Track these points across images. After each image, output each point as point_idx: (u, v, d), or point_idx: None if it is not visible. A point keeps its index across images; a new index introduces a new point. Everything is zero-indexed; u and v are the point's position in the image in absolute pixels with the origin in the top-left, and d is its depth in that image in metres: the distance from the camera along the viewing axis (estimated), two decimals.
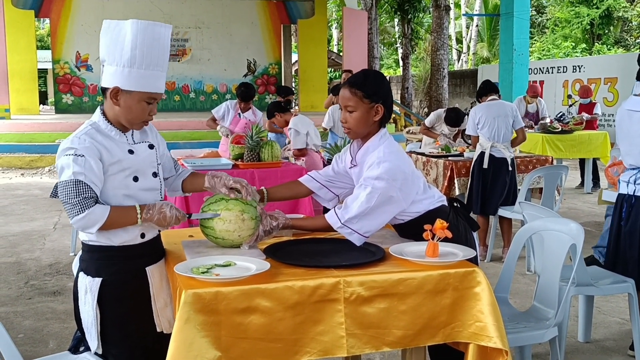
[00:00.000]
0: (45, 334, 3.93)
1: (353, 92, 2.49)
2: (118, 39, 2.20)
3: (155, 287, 2.35)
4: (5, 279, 5.09)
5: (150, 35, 2.20)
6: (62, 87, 18.20)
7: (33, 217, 7.66)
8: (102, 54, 2.25)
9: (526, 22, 13.00)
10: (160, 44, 2.24)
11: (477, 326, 2.18)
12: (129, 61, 2.18)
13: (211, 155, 5.98)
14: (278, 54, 19.70)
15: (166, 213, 2.24)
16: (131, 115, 2.25)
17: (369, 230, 2.42)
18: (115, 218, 2.18)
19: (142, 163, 2.30)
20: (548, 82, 16.44)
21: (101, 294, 2.26)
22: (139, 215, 2.21)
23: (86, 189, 2.13)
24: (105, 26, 2.25)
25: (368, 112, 2.49)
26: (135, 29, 2.18)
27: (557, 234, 2.93)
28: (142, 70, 2.20)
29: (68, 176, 2.13)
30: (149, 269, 2.34)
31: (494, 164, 5.52)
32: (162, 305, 2.36)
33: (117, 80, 2.21)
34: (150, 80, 2.23)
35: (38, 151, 13.06)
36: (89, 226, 2.14)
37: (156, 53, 2.22)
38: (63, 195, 2.14)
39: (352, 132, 2.54)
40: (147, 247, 2.34)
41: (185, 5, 18.44)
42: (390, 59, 37.96)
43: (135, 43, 2.18)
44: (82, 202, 2.12)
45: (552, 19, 28.98)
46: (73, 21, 17.90)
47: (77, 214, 2.12)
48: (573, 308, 4.04)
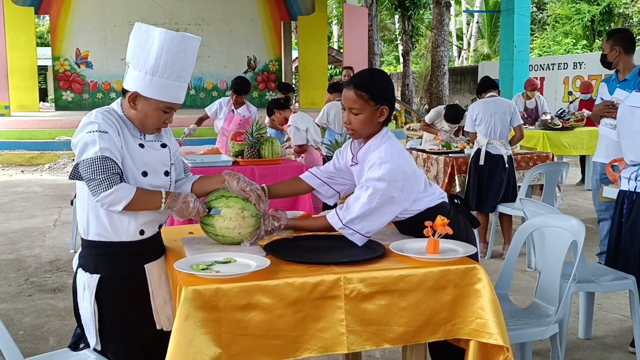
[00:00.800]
0: (45, 331, 3.93)
1: (359, 95, 2.44)
2: (145, 45, 2.19)
3: (154, 284, 2.35)
4: (5, 276, 5.09)
5: (176, 46, 2.19)
6: (62, 84, 18.20)
7: (33, 214, 7.66)
8: (128, 56, 2.24)
9: (527, 18, 12.97)
10: (185, 56, 2.22)
11: (477, 323, 2.18)
12: (152, 69, 2.18)
13: (211, 152, 5.97)
14: (278, 51, 19.68)
15: (189, 204, 2.25)
16: (146, 121, 2.26)
17: (371, 230, 2.42)
18: (140, 198, 2.17)
19: (152, 160, 2.30)
20: (549, 78, 16.43)
21: (99, 290, 2.26)
22: (164, 200, 2.21)
23: (113, 164, 2.13)
24: (135, 29, 2.23)
25: (373, 113, 2.47)
26: (163, 38, 2.17)
27: (557, 230, 2.92)
28: (163, 79, 2.19)
29: (94, 152, 2.11)
30: (147, 266, 2.34)
31: (489, 161, 5.52)
32: (161, 302, 2.36)
33: (138, 85, 2.20)
34: (170, 90, 2.22)
35: (38, 148, 13.07)
36: (115, 203, 2.13)
37: (180, 65, 2.21)
38: (89, 172, 2.11)
39: (355, 133, 2.52)
40: (146, 244, 2.34)
41: (185, 2, 18.42)
42: (391, 56, 37.92)
43: (160, 52, 2.17)
44: (111, 177, 2.11)
45: (552, 16, 28.94)
46: (73, 18, 17.90)
47: (105, 190, 2.10)
48: (574, 305, 4.04)
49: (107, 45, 18.16)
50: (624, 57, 4.66)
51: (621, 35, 4.71)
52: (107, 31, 18.10)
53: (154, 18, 18.19)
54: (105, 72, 18.22)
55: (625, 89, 4.56)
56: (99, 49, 18.15)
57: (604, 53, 4.76)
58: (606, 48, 4.73)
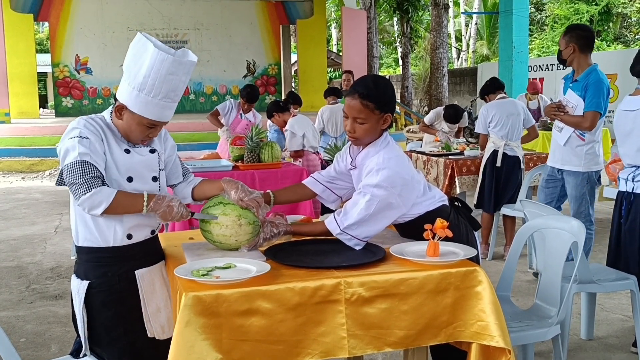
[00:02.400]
0: (47, 338, 3.92)
1: (365, 104, 2.42)
2: (138, 59, 2.17)
3: (145, 291, 2.33)
4: (6, 283, 5.09)
5: (166, 68, 2.15)
6: (62, 91, 18.22)
7: (34, 221, 7.66)
8: (124, 65, 2.23)
9: (525, 19, 12.98)
10: (175, 78, 2.19)
11: (479, 325, 2.18)
12: (140, 86, 2.16)
13: (211, 157, 5.97)
14: (277, 55, 19.70)
15: (173, 207, 2.24)
16: (130, 133, 2.26)
17: (368, 235, 2.42)
18: (120, 201, 2.16)
19: (137, 165, 2.29)
20: (548, 79, 16.42)
21: (89, 297, 2.27)
22: (145, 203, 2.20)
23: (92, 168, 2.13)
24: (135, 39, 2.21)
25: (377, 122, 2.46)
26: (154, 58, 2.14)
27: (558, 231, 2.92)
28: (149, 97, 2.17)
29: (74, 157, 2.12)
30: (138, 273, 2.32)
31: (506, 162, 5.51)
32: (154, 310, 2.34)
33: (125, 98, 2.20)
34: (155, 108, 2.20)
35: (38, 155, 13.08)
36: (94, 206, 2.12)
37: (168, 86, 2.18)
38: (69, 176, 2.13)
39: (358, 141, 2.51)
40: (136, 249, 2.32)
41: (184, 7, 18.44)
42: (390, 58, 37.95)
43: (149, 72, 2.15)
44: (89, 181, 2.11)
45: (551, 16, 28.95)
46: (72, 24, 17.92)
47: (84, 193, 2.11)
48: (575, 305, 4.03)
49: (106, 51, 18.17)
50: (579, 55, 4.37)
51: (578, 32, 4.39)
52: (106, 37, 18.12)
53: (153, 23, 18.23)
54: (105, 78, 18.22)
55: (576, 91, 4.41)
56: (98, 55, 18.16)
57: (560, 49, 4.51)
58: (562, 44, 4.45)
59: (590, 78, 4.33)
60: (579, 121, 4.36)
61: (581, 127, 4.36)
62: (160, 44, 2.18)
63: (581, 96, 4.35)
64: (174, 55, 2.17)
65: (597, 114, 4.30)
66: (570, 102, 4.44)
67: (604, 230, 6.38)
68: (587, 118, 4.31)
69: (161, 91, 2.18)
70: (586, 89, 4.32)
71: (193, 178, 2.59)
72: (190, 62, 2.21)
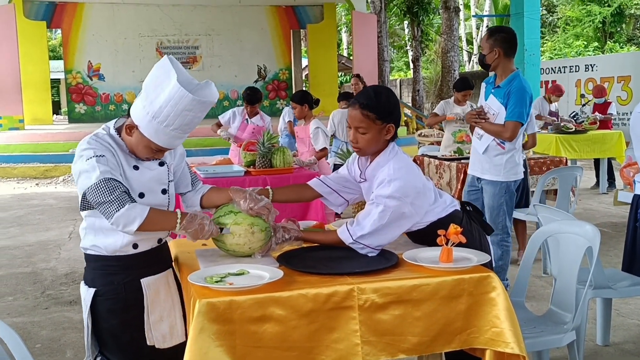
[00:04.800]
0: (62, 344, 3.95)
1: (365, 115, 2.43)
2: (159, 85, 2.14)
3: (150, 300, 2.33)
4: (22, 289, 5.13)
5: (184, 105, 2.12)
6: (75, 97, 18.36)
7: (48, 226, 7.72)
8: (144, 84, 2.20)
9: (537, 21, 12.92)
10: (191, 114, 2.16)
11: (493, 332, 2.17)
12: (155, 113, 2.14)
13: (223, 163, 5.99)
14: (288, 59, 19.74)
15: (204, 226, 2.25)
16: (137, 151, 2.26)
17: (381, 244, 2.42)
18: (154, 218, 2.17)
19: (148, 180, 2.29)
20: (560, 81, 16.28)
21: (95, 304, 2.28)
22: (178, 221, 2.21)
23: (118, 184, 2.13)
24: (161, 62, 2.17)
25: (380, 132, 2.46)
26: (174, 92, 2.10)
27: (572, 236, 2.90)
28: (162, 126, 2.15)
29: (97, 178, 2.11)
30: (144, 281, 2.33)
31: None
32: (156, 319, 2.34)
33: (138, 119, 2.18)
34: (166, 137, 2.19)
35: (52, 161, 13.17)
36: (129, 223, 2.12)
37: (182, 121, 2.16)
38: (97, 196, 2.11)
39: (362, 151, 2.51)
40: (143, 258, 2.33)
41: (195, 13, 18.52)
42: (401, 62, 37.92)
43: (166, 103, 2.12)
44: (120, 197, 2.11)
45: (563, 18, 28.82)
46: (84, 31, 18.06)
47: (117, 210, 2.10)
48: (591, 311, 4.00)
49: (118, 57, 18.30)
50: (503, 60, 4.14)
51: (503, 36, 4.14)
52: (118, 43, 18.25)
53: (165, 30, 18.33)
54: (117, 84, 18.35)
55: (498, 98, 4.18)
56: (110, 61, 18.29)
57: (482, 53, 4.21)
58: (485, 48, 4.16)
59: (513, 85, 4.11)
60: (500, 130, 4.14)
61: (502, 136, 4.15)
62: (184, 74, 2.15)
63: (503, 103, 4.13)
64: (195, 90, 2.15)
65: (518, 124, 4.10)
66: (491, 108, 4.21)
67: (619, 234, 6.34)
68: (508, 128, 4.10)
69: (174, 123, 2.15)
70: (508, 96, 4.11)
71: (202, 186, 2.59)
72: (209, 103, 2.19)
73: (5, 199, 10.09)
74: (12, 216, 8.47)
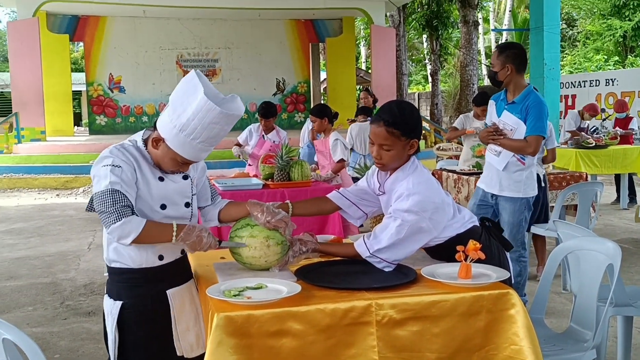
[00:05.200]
0: (80, 355, 3.97)
1: (390, 132, 2.42)
2: (186, 99, 2.16)
3: (176, 310, 2.35)
4: (41, 299, 5.17)
5: (211, 118, 2.14)
6: (96, 109, 18.59)
7: (68, 237, 7.79)
8: (170, 98, 2.23)
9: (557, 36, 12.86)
10: (218, 127, 2.18)
11: (512, 349, 2.14)
12: (182, 126, 2.16)
13: (242, 175, 6.01)
14: (307, 73, 19.84)
15: (202, 238, 2.26)
16: (163, 164, 2.29)
17: (398, 258, 2.41)
18: (150, 231, 2.19)
19: (171, 192, 2.32)
20: (580, 96, 16.21)
21: (122, 317, 2.29)
22: (174, 233, 2.22)
23: (122, 197, 2.15)
24: (188, 77, 2.20)
25: (404, 148, 2.45)
26: (201, 105, 2.13)
27: (593, 253, 2.86)
28: (188, 139, 2.18)
29: (105, 186, 2.15)
30: (170, 292, 2.35)
31: None
32: (183, 329, 2.36)
33: (165, 132, 2.21)
34: (193, 150, 2.21)
35: (73, 172, 13.32)
36: (124, 236, 2.15)
37: (209, 133, 2.18)
38: (100, 204, 2.15)
39: (385, 167, 2.51)
40: (168, 269, 2.35)
41: (214, 26, 18.71)
42: (419, 75, 37.91)
43: (194, 116, 2.14)
44: (119, 210, 2.14)
45: (583, 32, 28.65)
46: (106, 44, 18.31)
47: (114, 222, 2.13)
48: (611, 329, 3.94)
49: (139, 70, 18.52)
50: (515, 76, 4.13)
51: (514, 52, 4.15)
52: (139, 56, 18.47)
53: (185, 43, 18.52)
54: (138, 96, 18.56)
55: (513, 113, 4.15)
56: (131, 74, 18.52)
57: (494, 70, 4.19)
58: (497, 65, 4.15)
59: (530, 100, 4.09)
60: (523, 146, 4.11)
61: (524, 152, 4.12)
62: (210, 88, 2.17)
63: (521, 118, 4.10)
64: (221, 103, 2.16)
65: (540, 138, 4.09)
66: (507, 124, 4.17)
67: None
68: (531, 143, 4.07)
69: (201, 136, 2.18)
70: (527, 111, 4.08)
71: (220, 200, 2.61)
72: (236, 117, 2.21)
73: (26, 209, 10.21)
74: (33, 226, 8.57)
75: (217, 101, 2.16)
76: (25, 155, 14.35)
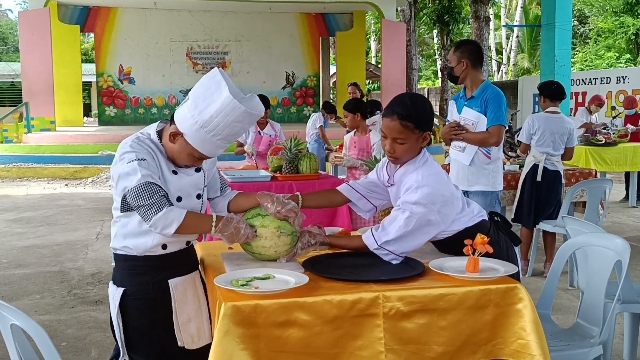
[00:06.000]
0: (87, 343, 4.00)
1: (404, 125, 2.40)
2: (209, 97, 2.18)
3: (178, 300, 2.35)
4: (49, 287, 5.21)
5: (235, 116, 2.17)
6: (106, 100, 18.65)
7: (76, 227, 7.83)
8: (192, 92, 2.24)
9: (568, 32, 12.78)
10: (239, 125, 2.21)
11: (519, 344, 2.14)
12: (204, 122, 2.18)
13: (250, 168, 6.02)
14: (316, 66, 19.82)
15: (240, 229, 2.28)
16: (178, 158, 2.30)
17: (406, 251, 2.40)
18: (191, 221, 2.21)
19: (186, 185, 2.34)
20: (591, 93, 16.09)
21: (124, 303, 2.31)
22: (214, 225, 2.24)
23: (158, 189, 2.17)
24: (211, 74, 2.22)
25: (417, 140, 2.44)
26: (226, 104, 2.15)
27: (601, 249, 2.85)
28: (209, 136, 2.19)
29: (137, 181, 2.15)
30: (171, 282, 2.35)
31: (547, 177, 5.40)
32: (184, 319, 2.36)
33: (185, 127, 2.22)
34: (211, 146, 2.24)
35: (82, 162, 13.39)
36: (167, 225, 2.16)
37: (230, 131, 2.21)
38: (136, 199, 2.15)
39: (398, 160, 2.49)
40: (171, 259, 2.35)
41: (225, 19, 18.71)
42: (429, 71, 37.81)
43: (218, 113, 2.16)
44: (158, 201, 2.15)
45: (594, 29, 28.48)
46: (117, 35, 18.36)
47: (156, 214, 2.14)
48: (618, 326, 3.93)
49: (149, 61, 18.56)
50: (471, 71, 4.20)
51: (470, 48, 4.23)
52: (149, 48, 18.51)
53: (195, 35, 18.54)
54: (147, 88, 18.61)
55: (473, 107, 4.21)
56: (141, 65, 18.56)
57: (450, 65, 4.28)
58: (453, 60, 4.23)
59: (488, 92, 4.16)
60: (485, 137, 4.15)
61: (488, 143, 4.16)
62: (232, 86, 2.19)
63: (481, 111, 4.15)
64: (242, 102, 2.18)
65: (502, 128, 4.13)
66: (468, 119, 4.21)
67: None
68: (493, 133, 4.12)
69: (222, 133, 2.20)
70: (486, 103, 4.14)
71: (230, 192, 2.62)
72: (257, 115, 2.24)
73: (35, 198, 10.27)
74: (42, 216, 8.62)
75: (238, 99, 2.17)
76: (34, 145, 14.42)
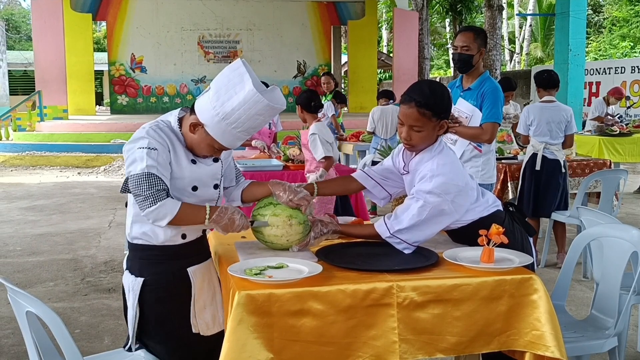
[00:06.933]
0: (100, 330, 4.02)
1: (422, 113, 2.38)
2: (232, 89, 2.17)
3: (196, 288, 2.37)
4: (62, 275, 5.24)
5: (257, 110, 2.17)
6: (118, 89, 18.70)
7: (89, 215, 7.87)
8: (214, 83, 2.22)
9: (582, 21, 12.66)
10: (261, 119, 2.21)
11: (533, 335, 2.13)
12: (225, 114, 2.17)
13: (262, 157, 6.02)
14: (328, 55, 19.75)
15: (235, 220, 2.27)
16: (197, 148, 2.30)
17: (418, 240, 2.39)
18: (184, 214, 2.21)
19: (203, 175, 2.34)
20: (605, 83, 15.97)
21: (142, 293, 2.31)
22: (207, 215, 2.24)
23: (158, 181, 2.17)
24: (234, 65, 2.21)
25: (434, 128, 2.42)
26: (249, 97, 2.14)
27: (617, 240, 2.82)
28: (230, 127, 2.19)
29: (141, 169, 2.16)
30: (190, 270, 2.36)
31: (546, 166, 5.37)
32: (200, 307, 2.38)
33: (205, 118, 2.21)
34: (232, 138, 2.23)
35: (94, 151, 13.45)
36: (159, 218, 2.17)
37: (251, 123, 2.20)
38: (135, 187, 2.16)
39: (414, 148, 2.47)
40: (189, 247, 2.36)
41: (236, 8, 18.67)
42: (441, 60, 37.56)
43: (240, 106, 2.15)
44: (155, 194, 2.15)
45: (609, 18, 28.17)
46: (128, 24, 18.38)
47: (150, 206, 2.15)
48: (632, 317, 3.91)
49: (160, 50, 18.57)
50: (480, 61, 4.04)
51: (485, 35, 4.01)
52: (161, 37, 18.52)
53: (207, 24, 18.52)
54: (159, 76, 18.63)
55: (469, 100, 4.03)
56: (153, 54, 18.58)
57: (469, 53, 3.96)
58: (474, 48, 3.93)
59: (486, 86, 3.99)
60: (478, 133, 3.94)
61: (480, 139, 3.98)
62: (255, 78, 2.18)
63: (477, 105, 3.99)
64: (264, 94, 2.17)
65: (496, 125, 3.97)
66: (462, 112, 4.03)
67: None
68: (486, 130, 3.93)
69: (243, 125, 2.20)
70: (483, 97, 3.97)
71: (243, 180, 2.62)
72: (279, 109, 2.23)
73: (48, 186, 10.33)
74: (55, 204, 8.67)
75: (260, 92, 2.16)
76: (47, 133, 14.49)
